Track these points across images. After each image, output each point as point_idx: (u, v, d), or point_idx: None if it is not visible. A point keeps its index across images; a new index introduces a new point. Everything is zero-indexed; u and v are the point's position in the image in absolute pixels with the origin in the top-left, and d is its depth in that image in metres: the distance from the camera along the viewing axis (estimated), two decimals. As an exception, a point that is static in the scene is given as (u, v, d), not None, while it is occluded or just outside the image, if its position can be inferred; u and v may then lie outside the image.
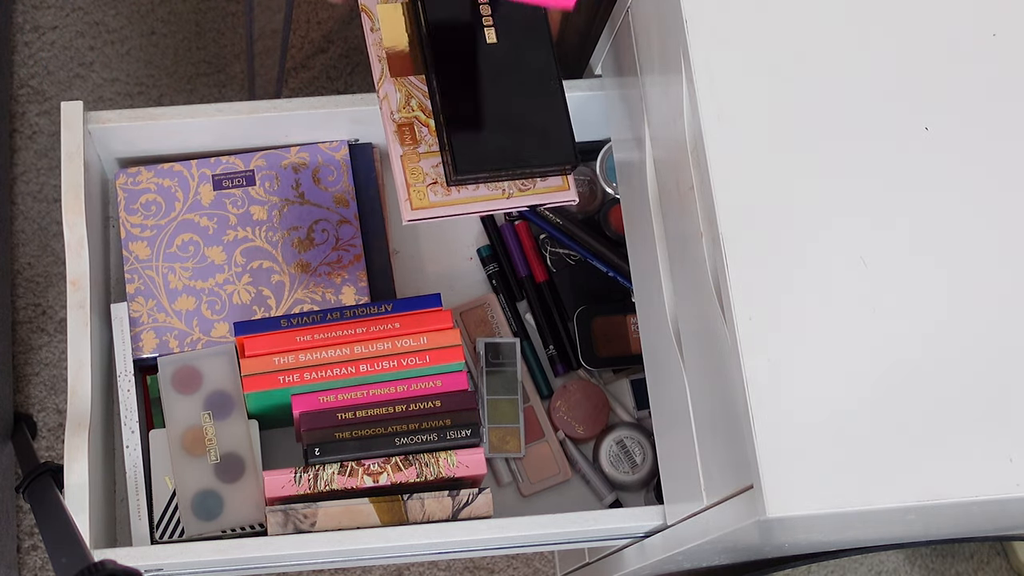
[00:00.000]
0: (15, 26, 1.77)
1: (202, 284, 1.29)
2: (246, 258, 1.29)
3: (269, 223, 1.30)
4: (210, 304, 1.28)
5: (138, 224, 1.30)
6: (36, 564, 1.62)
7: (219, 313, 1.28)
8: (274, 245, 1.30)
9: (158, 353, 1.26)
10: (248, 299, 1.29)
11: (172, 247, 1.29)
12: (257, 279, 1.29)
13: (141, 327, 1.27)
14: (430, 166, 1.15)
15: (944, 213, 0.96)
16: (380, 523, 1.18)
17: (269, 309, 1.28)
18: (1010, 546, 1.44)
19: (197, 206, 1.31)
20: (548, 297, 1.37)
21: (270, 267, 1.29)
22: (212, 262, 1.29)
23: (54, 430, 1.65)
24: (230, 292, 1.29)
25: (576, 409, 1.33)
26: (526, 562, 1.67)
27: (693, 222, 1.01)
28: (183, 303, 1.28)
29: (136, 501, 1.21)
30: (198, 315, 1.28)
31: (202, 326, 1.28)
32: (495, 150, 1.13)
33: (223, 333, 1.28)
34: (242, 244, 1.30)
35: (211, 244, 1.30)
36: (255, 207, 1.31)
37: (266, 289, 1.29)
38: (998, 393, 0.92)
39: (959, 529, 1.15)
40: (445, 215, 1.15)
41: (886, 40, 1.01)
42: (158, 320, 1.28)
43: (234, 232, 1.30)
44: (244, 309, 1.28)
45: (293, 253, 1.30)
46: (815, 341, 0.93)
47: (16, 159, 1.73)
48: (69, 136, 1.25)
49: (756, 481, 0.90)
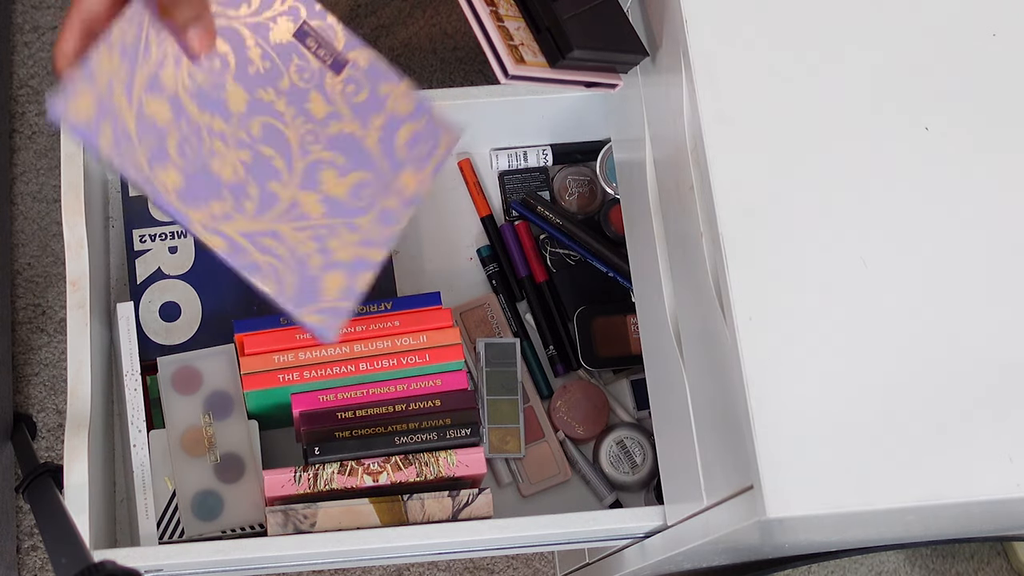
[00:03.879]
0: (15, 26, 1.77)
1: (194, 111, 0.95)
2: (262, 135, 0.98)
3: (318, 126, 1.00)
4: (183, 140, 0.94)
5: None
6: (36, 564, 1.62)
7: (184, 159, 0.94)
8: (303, 152, 0.99)
9: (79, 132, 0.89)
10: (228, 178, 0.96)
11: None
12: (255, 167, 0.98)
13: (88, 85, 0.88)
14: (514, 28, 1.07)
15: (945, 213, 0.96)
16: (380, 523, 1.18)
17: (240, 211, 0.96)
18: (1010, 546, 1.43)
19: (262, 31, 0.98)
20: (548, 297, 1.37)
21: (279, 170, 0.98)
22: (225, 101, 0.97)
23: (54, 430, 1.65)
24: (215, 151, 0.96)
25: (576, 409, 1.33)
26: (526, 562, 1.67)
27: (693, 222, 1.01)
28: (156, 108, 0.93)
29: (144, 501, 1.21)
30: (159, 137, 0.93)
31: (153, 154, 0.93)
32: (594, 34, 1.12)
33: (169, 185, 0.93)
34: (271, 117, 0.99)
35: (240, 81, 0.98)
36: (317, 96, 1.00)
37: (253, 187, 0.97)
38: (998, 393, 0.92)
39: (959, 529, 1.15)
40: (545, 77, 1.08)
41: (886, 40, 1.01)
42: (114, 97, 0.90)
43: (274, 97, 0.99)
44: (213, 184, 0.95)
45: (315, 182, 1.00)
46: (815, 341, 0.93)
47: (16, 159, 1.73)
48: (69, 136, 1.25)
49: (756, 481, 0.90)
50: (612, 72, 1.16)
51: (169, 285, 1.31)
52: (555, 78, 1.13)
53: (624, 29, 1.14)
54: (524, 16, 1.13)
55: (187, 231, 0.94)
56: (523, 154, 1.39)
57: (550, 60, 1.11)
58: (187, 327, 1.30)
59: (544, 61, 1.11)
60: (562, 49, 1.10)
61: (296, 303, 0.98)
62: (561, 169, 1.40)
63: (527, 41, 1.11)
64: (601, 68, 1.15)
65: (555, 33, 1.10)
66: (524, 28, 1.12)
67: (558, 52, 1.11)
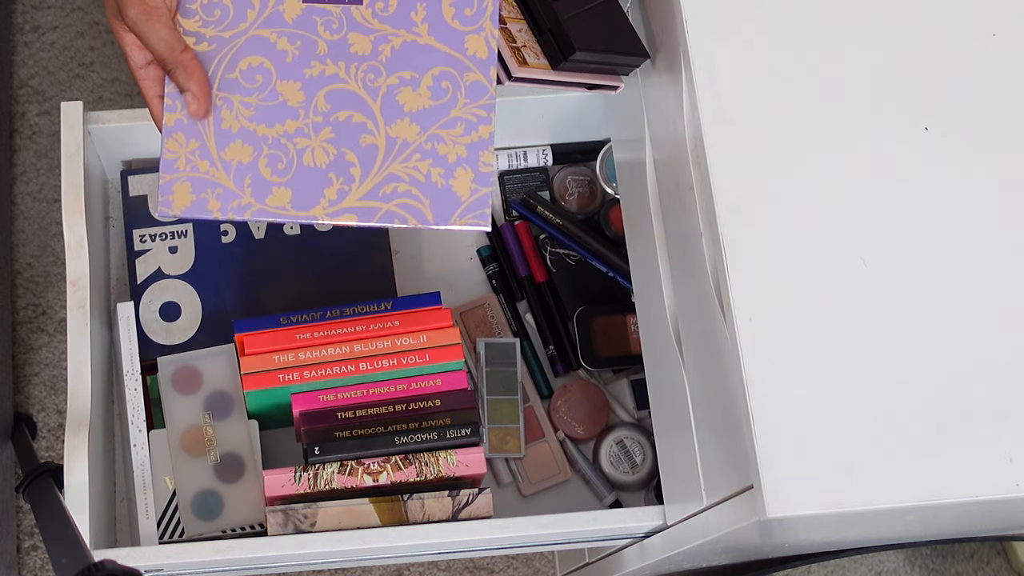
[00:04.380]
0: (15, 26, 1.77)
1: (266, 130, 1.00)
2: (331, 104, 1.01)
3: (372, 59, 1.01)
4: (272, 160, 1.00)
5: (193, 32, 1.01)
6: (36, 564, 1.62)
7: (282, 174, 1.00)
8: (373, 93, 1.01)
9: (191, 213, 1.00)
10: (324, 162, 1.00)
11: (234, 72, 1.01)
12: (342, 136, 1.00)
13: (176, 175, 0.99)
14: (516, 30, 1.07)
15: (945, 213, 0.96)
16: (380, 523, 1.18)
17: (351, 181, 1.00)
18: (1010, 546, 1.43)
19: (276, 20, 1.01)
20: (548, 297, 1.37)
21: (362, 122, 1.01)
22: (285, 102, 1.01)
23: (54, 430, 1.65)
24: (301, 148, 1.00)
25: (576, 409, 1.33)
26: (526, 562, 1.67)
27: (693, 222, 1.01)
28: (236, 152, 1.00)
29: (144, 500, 1.21)
30: (253, 172, 1.00)
31: (256, 188, 1.00)
32: (596, 36, 1.12)
33: (282, 203, 0.99)
34: (329, 84, 1.01)
35: (287, 77, 1.01)
36: (356, 36, 1.01)
37: (351, 153, 1.00)
38: (998, 393, 0.92)
39: (959, 529, 1.15)
40: (548, 79, 1.08)
41: (886, 40, 1.01)
42: (199, 169, 1.00)
43: (321, 65, 1.01)
44: (316, 175, 1.00)
45: (398, 108, 1.01)
46: (815, 341, 0.93)
47: (16, 159, 1.73)
48: (69, 136, 1.25)
49: (756, 481, 0.90)
50: (613, 74, 1.16)
51: (169, 285, 1.31)
52: (557, 80, 1.13)
53: (625, 31, 1.14)
54: (526, 18, 1.13)
55: (318, 226, 1.02)
56: (523, 154, 1.39)
57: (552, 62, 1.11)
58: (187, 327, 1.30)
59: (546, 63, 1.11)
60: (564, 51, 1.10)
61: (441, 219, 1.02)
62: (561, 169, 1.40)
63: (529, 43, 1.11)
64: (603, 70, 1.15)
65: (557, 35, 1.11)
66: (526, 30, 1.12)
67: (560, 54, 1.11)
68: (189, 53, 1.03)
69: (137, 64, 1.05)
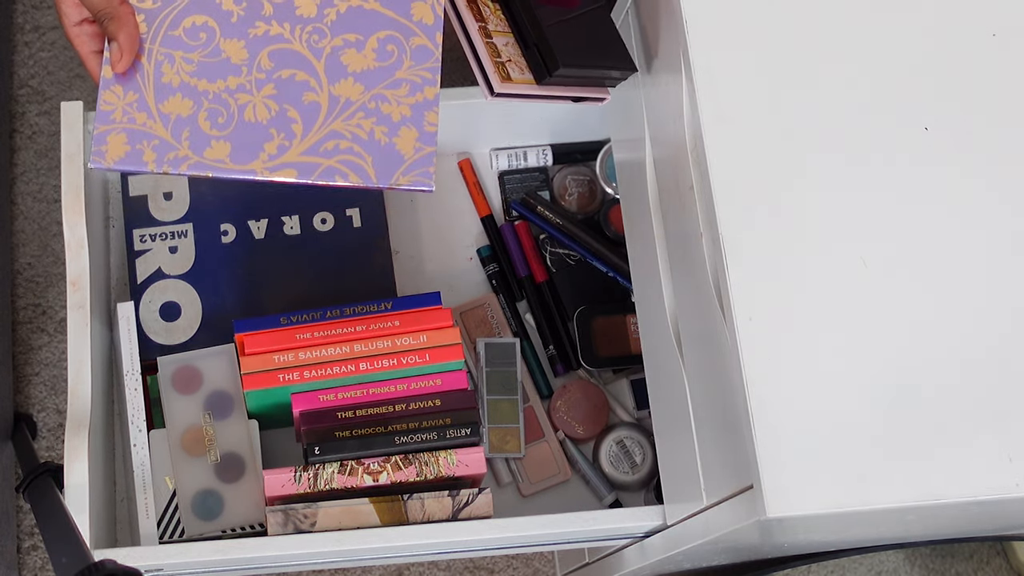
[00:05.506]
0: (15, 26, 1.77)
1: (207, 85, 1.02)
2: (274, 63, 1.02)
3: (317, 22, 1.03)
4: (212, 114, 1.01)
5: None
6: (36, 564, 1.62)
7: (221, 128, 1.01)
8: (317, 53, 1.02)
9: (124, 164, 1.01)
10: (265, 117, 1.01)
11: (177, 29, 1.03)
12: (284, 93, 1.02)
13: (111, 126, 1.00)
14: (502, 44, 1.08)
15: (944, 213, 0.96)
16: (380, 523, 1.18)
17: (291, 137, 1.01)
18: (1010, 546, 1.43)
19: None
20: (548, 297, 1.37)
21: (304, 80, 1.02)
22: (228, 59, 1.02)
23: (54, 430, 1.65)
24: (243, 104, 1.02)
25: (576, 409, 1.33)
26: (526, 562, 1.67)
27: (693, 222, 1.01)
28: (175, 105, 1.01)
29: (144, 500, 1.21)
30: (192, 125, 1.01)
31: (194, 141, 1.00)
32: (581, 50, 1.12)
33: (220, 157, 1.00)
34: (273, 43, 1.03)
35: (230, 35, 1.03)
36: (302, 0, 1.04)
37: (293, 109, 1.02)
38: (998, 393, 0.92)
39: (959, 529, 1.15)
40: (532, 94, 1.09)
41: (886, 40, 1.01)
42: (136, 121, 1.00)
43: (266, 26, 1.03)
44: (256, 130, 1.01)
45: (342, 69, 1.03)
46: (815, 341, 0.93)
47: (16, 159, 1.73)
48: (69, 136, 1.25)
49: (756, 481, 0.90)
50: (600, 86, 1.16)
51: (169, 285, 1.31)
52: (542, 94, 1.13)
53: (613, 43, 1.14)
54: (513, 31, 1.13)
55: (257, 181, 1.01)
56: (523, 154, 1.39)
57: (537, 77, 1.11)
58: (187, 327, 1.30)
59: (531, 78, 1.11)
60: (549, 67, 1.10)
61: (384, 177, 1.03)
62: (561, 169, 1.40)
63: (515, 57, 1.11)
64: (588, 83, 1.15)
65: (542, 50, 1.10)
66: (513, 44, 1.12)
67: (545, 69, 1.11)
68: (127, 7, 1.02)
69: (71, 21, 1.04)
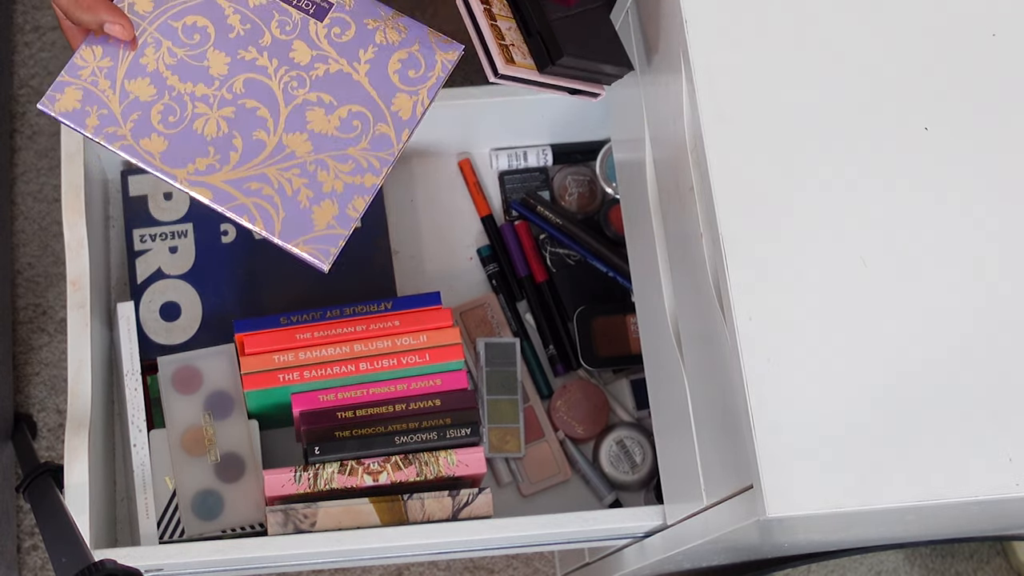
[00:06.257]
0: (15, 26, 1.77)
1: (176, 83, 1.04)
2: (246, 90, 1.05)
3: (303, 71, 1.05)
4: (167, 110, 1.04)
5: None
6: (36, 564, 1.62)
7: (168, 126, 1.03)
8: (288, 99, 1.05)
9: (67, 119, 1.04)
10: (212, 134, 1.03)
11: (178, 21, 1.06)
12: (239, 120, 1.04)
13: (75, 81, 1.03)
14: (506, 28, 1.08)
15: (944, 213, 0.96)
16: (380, 523, 1.18)
17: (225, 163, 1.03)
18: (1010, 546, 1.43)
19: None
20: (548, 297, 1.37)
21: (263, 118, 1.05)
22: (207, 68, 1.05)
23: (54, 430, 1.65)
24: (198, 113, 1.04)
25: (576, 409, 1.33)
26: (526, 562, 1.67)
27: (693, 222, 1.01)
28: (139, 87, 1.04)
29: (144, 500, 1.21)
30: (144, 111, 1.03)
31: (137, 127, 1.03)
32: (583, 43, 1.12)
33: (152, 151, 1.02)
34: (253, 72, 1.05)
35: (221, 48, 1.05)
36: (300, 45, 1.06)
37: (239, 138, 1.04)
38: (998, 393, 0.92)
39: (959, 529, 1.15)
40: (533, 80, 1.10)
41: (886, 40, 1.01)
42: (98, 85, 1.03)
43: (256, 54, 1.06)
44: (198, 142, 1.03)
45: (302, 123, 1.05)
46: (815, 341, 0.93)
47: (16, 159, 1.73)
48: (69, 136, 1.25)
49: (756, 481, 0.90)
50: (596, 82, 1.16)
51: (169, 285, 1.31)
52: (541, 81, 1.13)
53: (612, 41, 1.14)
54: (516, 17, 1.13)
55: (174, 187, 1.04)
56: (523, 154, 1.39)
57: (539, 64, 1.11)
58: (187, 327, 1.30)
59: (532, 64, 1.11)
60: (552, 55, 1.10)
61: (286, 236, 1.04)
62: (561, 169, 1.40)
63: (517, 42, 1.11)
64: (586, 77, 1.15)
65: (546, 38, 1.10)
66: (515, 29, 1.12)
67: (548, 58, 1.11)
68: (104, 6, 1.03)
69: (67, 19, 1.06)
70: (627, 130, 1.22)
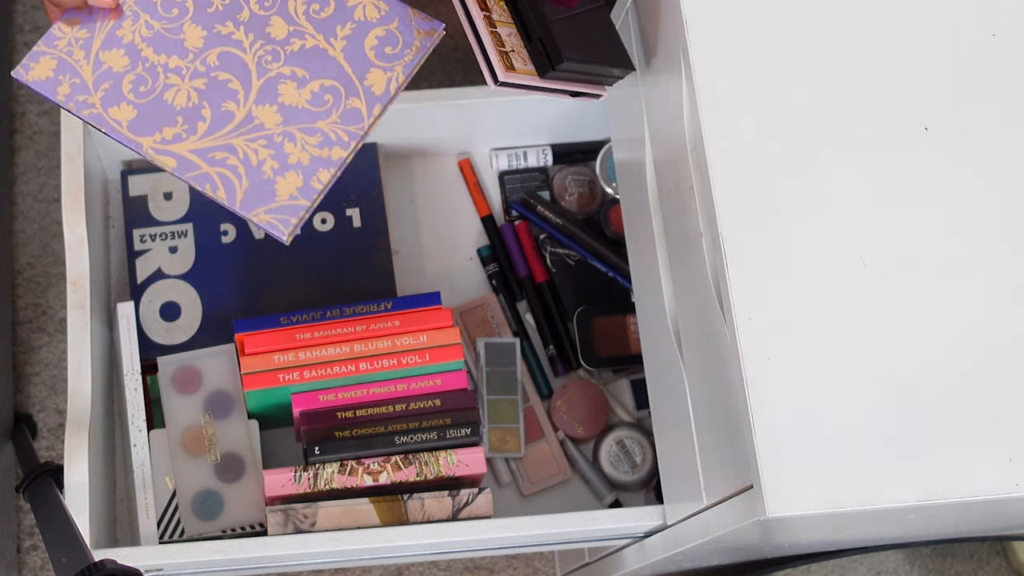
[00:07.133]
0: (15, 26, 1.77)
1: (151, 54, 1.05)
2: (219, 63, 1.05)
3: (278, 45, 1.06)
4: (138, 80, 1.05)
5: None
6: (36, 564, 1.62)
7: (138, 96, 1.04)
8: (261, 72, 1.05)
9: (39, 87, 1.05)
10: (181, 105, 1.04)
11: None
12: (210, 92, 1.05)
13: (50, 51, 1.05)
14: (505, 34, 1.08)
15: (944, 213, 0.96)
16: (380, 523, 1.18)
17: (192, 132, 1.04)
18: (1010, 546, 1.43)
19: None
20: (548, 297, 1.37)
21: (235, 90, 1.05)
22: (182, 41, 1.06)
23: (54, 430, 1.65)
24: (169, 84, 1.05)
25: (576, 409, 1.33)
26: (526, 562, 1.67)
27: (693, 222, 1.01)
28: (112, 58, 1.05)
29: (144, 500, 1.21)
30: (115, 82, 1.05)
31: (107, 97, 1.04)
32: (584, 47, 1.12)
33: (121, 119, 1.04)
34: (228, 46, 1.06)
35: (198, 22, 1.06)
36: (278, 20, 1.07)
37: (207, 109, 1.04)
38: (998, 393, 0.92)
39: (959, 529, 1.15)
40: (534, 85, 1.10)
41: (886, 40, 1.01)
42: (72, 56, 1.05)
43: (232, 28, 1.06)
44: (167, 111, 1.04)
45: (273, 95, 1.06)
46: (815, 341, 0.93)
47: (16, 159, 1.73)
48: (69, 136, 1.25)
49: (756, 481, 0.90)
50: (598, 84, 1.16)
51: (169, 285, 1.31)
52: (542, 86, 1.13)
53: (612, 42, 1.14)
54: (516, 23, 1.13)
55: (140, 155, 1.05)
56: (523, 154, 1.39)
57: (539, 70, 1.11)
58: (187, 327, 1.30)
59: (532, 69, 1.11)
60: (552, 60, 1.10)
61: (247, 205, 1.04)
62: (561, 169, 1.40)
63: (517, 48, 1.11)
64: (588, 80, 1.15)
65: (546, 43, 1.10)
66: (515, 35, 1.12)
67: (548, 63, 1.11)
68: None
69: (56, 15, 1.06)
70: (627, 130, 1.22)
